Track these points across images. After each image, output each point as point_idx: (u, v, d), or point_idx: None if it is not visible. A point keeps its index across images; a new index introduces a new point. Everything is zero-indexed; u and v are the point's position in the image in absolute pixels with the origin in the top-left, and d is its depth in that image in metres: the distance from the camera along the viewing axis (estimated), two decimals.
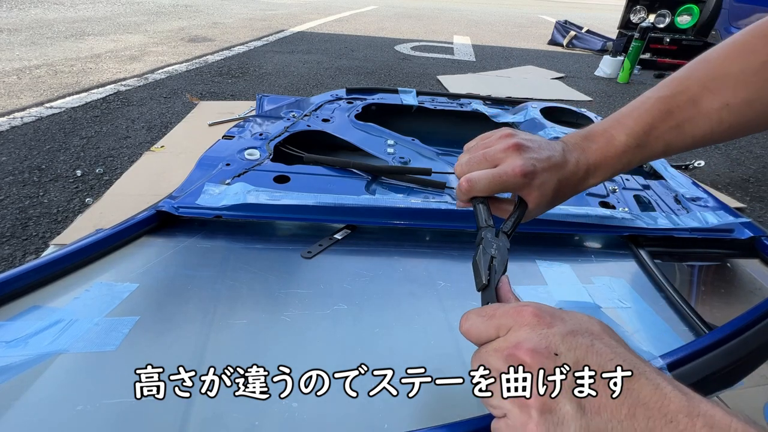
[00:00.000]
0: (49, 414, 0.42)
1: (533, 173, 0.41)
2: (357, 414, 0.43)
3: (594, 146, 0.45)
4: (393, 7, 8.22)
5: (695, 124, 0.43)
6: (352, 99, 1.27)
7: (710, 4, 3.76)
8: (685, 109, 0.43)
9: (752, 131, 0.45)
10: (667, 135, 0.44)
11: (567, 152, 0.45)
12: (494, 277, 0.37)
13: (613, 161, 0.45)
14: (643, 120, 0.44)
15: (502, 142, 0.44)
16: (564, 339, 0.27)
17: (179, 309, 0.55)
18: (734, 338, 0.48)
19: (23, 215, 1.23)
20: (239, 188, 0.74)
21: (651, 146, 0.44)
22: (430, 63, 3.69)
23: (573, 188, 0.45)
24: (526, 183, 0.42)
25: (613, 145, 0.45)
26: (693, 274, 0.75)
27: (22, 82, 2.41)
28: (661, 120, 0.44)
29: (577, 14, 9.30)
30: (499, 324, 0.29)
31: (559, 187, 0.44)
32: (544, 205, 0.44)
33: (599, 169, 0.45)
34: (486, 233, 0.41)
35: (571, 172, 0.44)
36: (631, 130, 0.44)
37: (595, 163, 0.45)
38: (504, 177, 0.41)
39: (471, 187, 0.43)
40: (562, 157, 0.44)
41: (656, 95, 0.45)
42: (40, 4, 5.24)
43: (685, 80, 0.45)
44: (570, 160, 0.44)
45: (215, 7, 6.37)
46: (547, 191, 0.43)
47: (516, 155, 0.42)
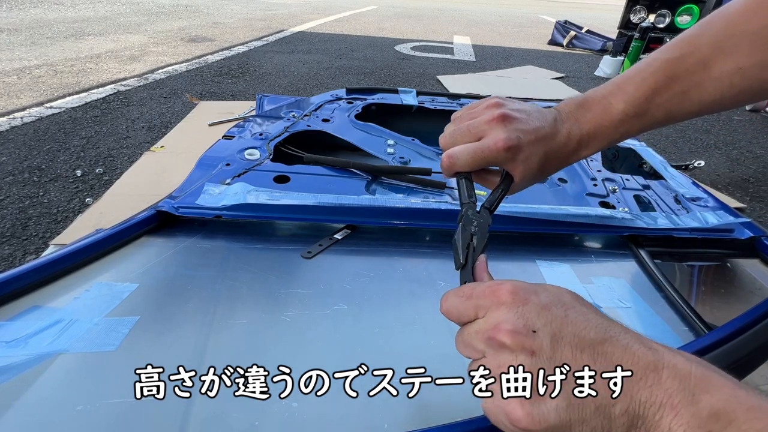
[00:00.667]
0: (49, 414, 0.42)
1: (517, 147, 0.39)
2: (357, 414, 0.43)
3: (589, 115, 0.42)
4: (393, 7, 8.22)
5: (703, 89, 0.40)
6: (352, 99, 1.27)
7: (710, 4, 3.76)
8: (693, 72, 0.40)
9: (762, 98, 0.41)
10: (671, 102, 0.41)
11: (558, 122, 0.42)
12: (472, 255, 0.37)
13: (609, 131, 0.42)
14: (646, 85, 0.41)
15: (487, 112, 0.41)
16: (540, 314, 0.27)
17: (179, 309, 0.55)
18: (734, 338, 0.48)
19: (23, 215, 1.23)
20: (239, 188, 0.74)
21: (651, 114, 0.42)
22: (430, 63, 3.69)
23: (563, 160, 0.43)
24: (509, 157, 0.40)
25: (609, 114, 0.42)
26: (693, 274, 0.75)
27: (22, 82, 2.41)
28: (665, 86, 0.41)
29: (577, 14, 9.30)
30: (478, 304, 0.30)
31: (546, 160, 0.41)
32: (530, 178, 0.42)
33: (593, 139, 0.42)
34: (467, 210, 0.40)
35: (560, 144, 0.42)
36: (630, 96, 0.41)
37: (588, 134, 0.42)
38: (486, 152, 0.39)
39: (452, 163, 0.41)
40: (552, 127, 0.41)
41: (663, 57, 0.42)
42: (40, 4, 5.24)
43: (695, 39, 0.41)
44: (561, 131, 0.42)
45: (215, 7, 6.37)
46: (532, 165, 0.41)
47: (500, 127, 0.40)
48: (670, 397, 0.23)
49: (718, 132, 2.42)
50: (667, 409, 0.23)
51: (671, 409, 0.23)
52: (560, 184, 0.91)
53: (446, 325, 0.57)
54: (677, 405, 0.23)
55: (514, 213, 0.73)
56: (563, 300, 0.28)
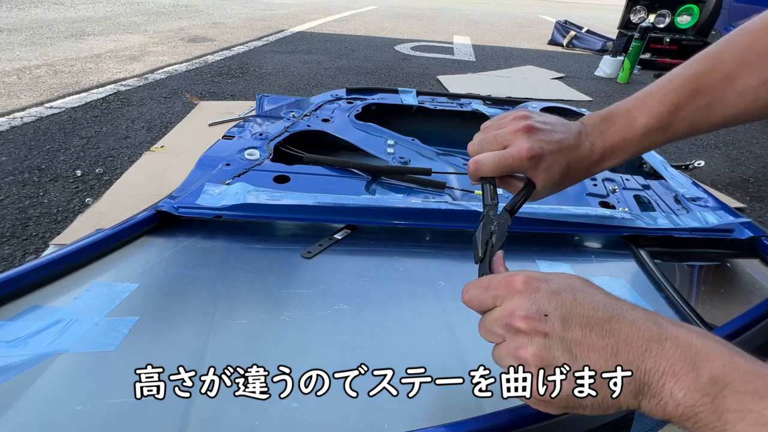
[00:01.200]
0: (49, 414, 0.42)
1: (540, 156, 0.41)
2: (357, 414, 0.43)
3: (612, 128, 0.44)
4: (393, 7, 8.22)
5: (727, 103, 0.41)
6: (352, 99, 1.27)
7: (710, 4, 3.76)
8: (717, 87, 0.41)
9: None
10: (694, 116, 0.42)
11: (583, 135, 0.44)
12: (490, 251, 0.39)
13: (632, 144, 0.43)
14: (669, 100, 0.42)
15: (513, 123, 0.43)
16: (550, 299, 0.30)
17: (179, 309, 0.55)
18: (734, 338, 0.48)
19: (23, 215, 1.23)
20: (239, 188, 0.74)
21: (675, 128, 0.43)
22: (430, 63, 3.69)
23: (585, 171, 0.45)
24: (532, 165, 0.42)
25: (632, 128, 0.43)
26: (693, 274, 0.75)
27: (22, 82, 2.41)
28: (688, 100, 0.41)
29: (577, 14, 9.30)
30: (495, 294, 0.32)
31: (568, 170, 0.43)
32: (551, 186, 0.44)
33: (616, 152, 0.44)
34: (489, 211, 0.42)
35: (583, 156, 0.43)
36: (654, 111, 0.42)
37: (612, 146, 0.44)
38: (510, 160, 0.42)
39: (477, 168, 0.44)
40: (575, 139, 0.43)
41: (686, 73, 0.42)
42: (40, 4, 5.24)
43: (719, 54, 0.42)
44: (584, 143, 0.43)
45: (215, 7, 6.37)
46: (554, 174, 0.43)
47: (525, 138, 0.42)
48: (672, 365, 0.26)
49: (718, 132, 2.41)
50: (669, 376, 0.25)
51: (673, 376, 0.25)
52: None
53: (446, 325, 0.57)
54: (679, 372, 0.25)
55: None
56: (572, 285, 0.30)
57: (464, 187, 0.86)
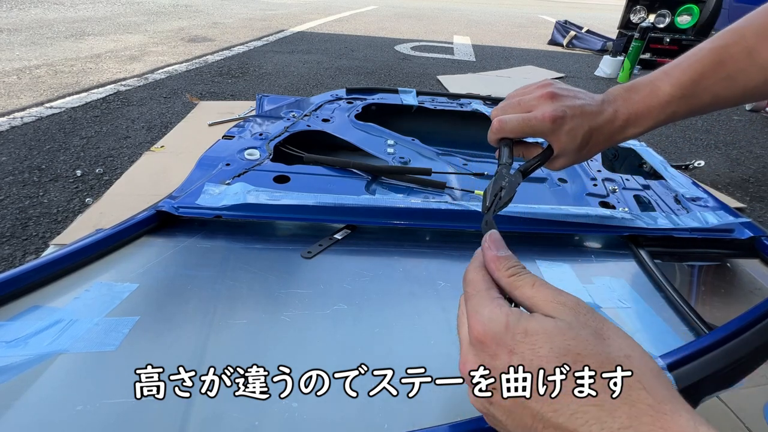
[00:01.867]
0: (49, 414, 0.42)
1: (562, 118, 0.42)
2: (357, 414, 0.43)
3: (636, 96, 0.45)
4: (393, 7, 8.22)
5: (749, 75, 0.42)
6: (352, 99, 1.27)
7: (710, 4, 3.76)
8: (739, 59, 0.42)
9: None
10: (717, 86, 0.43)
11: (606, 102, 0.45)
12: (497, 203, 0.40)
13: (656, 111, 0.44)
14: (692, 69, 0.43)
15: (537, 91, 0.45)
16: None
17: (179, 309, 0.55)
18: (734, 338, 0.48)
19: (23, 215, 1.23)
20: (239, 188, 0.74)
21: (698, 97, 0.44)
22: (430, 63, 3.69)
23: (608, 138, 0.45)
24: (554, 128, 0.42)
25: (656, 95, 0.44)
26: (693, 274, 0.75)
27: (22, 82, 2.41)
28: (711, 70, 0.43)
29: (577, 14, 9.30)
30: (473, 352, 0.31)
31: (590, 136, 0.44)
32: (572, 151, 0.45)
33: (641, 119, 0.45)
34: (502, 168, 0.43)
35: (606, 121, 0.44)
36: (677, 80, 0.44)
37: (636, 113, 0.44)
38: (533, 121, 0.43)
39: (501, 127, 0.44)
40: (598, 106, 0.44)
41: (709, 46, 0.44)
42: (40, 4, 5.24)
43: (741, 29, 0.43)
44: (607, 110, 0.44)
45: (215, 7, 6.37)
46: (575, 138, 0.43)
47: (548, 102, 0.43)
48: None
49: (718, 132, 2.42)
50: None
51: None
52: (560, 184, 0.91)
53: (446, 324, 0.57)
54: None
55: (514, 213, 0.73)
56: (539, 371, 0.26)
57: (464, 187, 0.87)
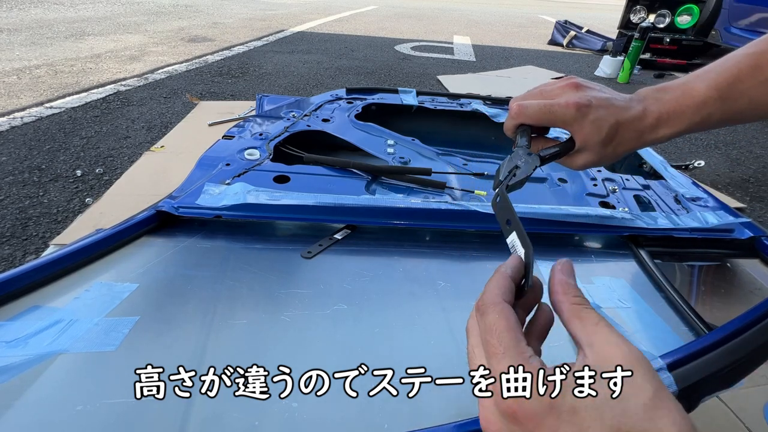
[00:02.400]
0: (49, 414, 0.42)
1: (587, 106, 0.40)
2: (357, 414, 0.43)
3: (667, 96, 0.42)
4: (393, 7, 8.22)
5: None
6: (352, 99, 1.27)
7: (710, 4, 3.76)
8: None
9: None
10: (754, 90, 0.41)
11: (633, 100, 0.42)
12: (509, 179, 0.38)
13: (690, 112, 0.42)
14: (728, 72, 0.41)
15: (561, 82, 0.43)
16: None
17: (179, 309, 0.55)
18: (734, 338, 0.48)
19: (23, 215, 1.23)
20: (239, 188, 0.74)
21: (735, 100, 0.42)
22: (430, 63, 3.69)
23: (637, 136, 0.43)
24: (578, 116, 0.40)
25: (690, 96, 0.42)
26: (693, 274, 0.75)
27: (22, 82, 2.41)
28: (748, 74, 0.41)
29: (577, 14, 9.30)
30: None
31: (617, 130, 0.41)
32: (596, 145, 0.42)
33: (673, 118, 0.42)
34: (519, 149, 0.40)
35: (634, 117, 0.42)
36: (713, 81, 0.41)
37: (668, 112, 0.42)
38: (556, 107, 0.40)
39: (520, 111, 0.41)
40: (626, 102, 0.42)
41: (744, 51, 0.42)
42: (40, 4, 5.24)
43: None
44: (635, 107, 0.42)
45: (215, 7, 6.37)
46: (601, 128, 0.41)
47: (572, 91, 0.41)
48: None
49: (718, 132, 2.42)
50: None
51: None
52: (560, 184, 0.91)
53: (446, 325, 0.57)
54: None
55: None
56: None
57: (464, 187, 0.87)
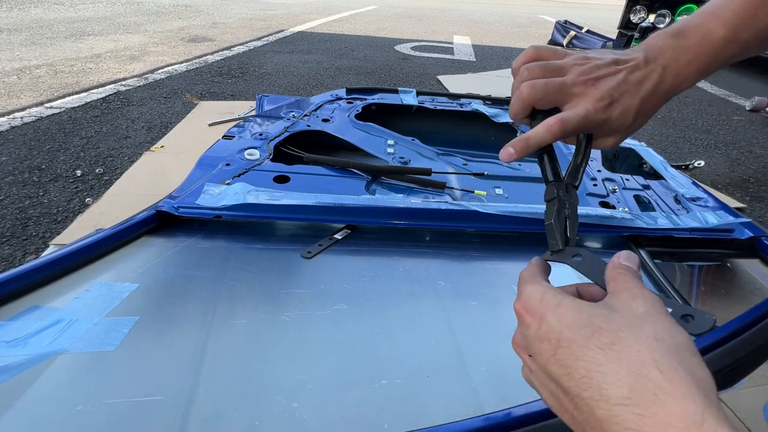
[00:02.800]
0: (49, 414, 0.42)
1: (610, 104, 0.38)
2: (357, 414, 0.43)
3: (687, 43, 0.40)
4: (393, 7, 8.22)
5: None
6: (352, 99, 1.27)
7: None
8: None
9: None
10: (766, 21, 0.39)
11: (649, 62, 0.40)
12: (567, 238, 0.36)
13: (709, 59, 0.40)
14: (742, 9, 0.40)
15: (558, 53, 0.41)
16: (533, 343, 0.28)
17: (179, 309, 0.55)
18: (734, 338, 0.48)
19: (23, 215, 1.23)
20: (239, 188, 0.74)
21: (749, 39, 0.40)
22: (430, 63, 3.69)
23: (659, 101, 0.41)
24: (604, 118, 0.38)
25: (710, 41, 0.40)
26: (693, 274, 0.75)
27: (22, 82, 2.41)
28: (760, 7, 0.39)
29: (577, 14, 9.30)
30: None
31: (642, 105, 0.39)
32: (625, 128, 0.40)
33: (693, 71, 0.40)
34: (557, 189, 0.38)
35: (654, 85, 0.39)
36: (730, 21, 0.40)
37: (688, 63, 0.40)
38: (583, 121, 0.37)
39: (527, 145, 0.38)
40: (642, 72, 0.39)
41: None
42: (40, 4, 5.24)
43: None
44: (653, 73, 0.39)
45: (215, 7, 6.37)
46: (628, 116, 0.39)
47: (582, 82, 0.38)
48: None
49: (718, 132, 2.42)
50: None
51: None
52: None
53: (446, 324, 0.57)
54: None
55: (514, 213, 0.73)
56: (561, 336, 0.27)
57: (464, 187, 0.86)
